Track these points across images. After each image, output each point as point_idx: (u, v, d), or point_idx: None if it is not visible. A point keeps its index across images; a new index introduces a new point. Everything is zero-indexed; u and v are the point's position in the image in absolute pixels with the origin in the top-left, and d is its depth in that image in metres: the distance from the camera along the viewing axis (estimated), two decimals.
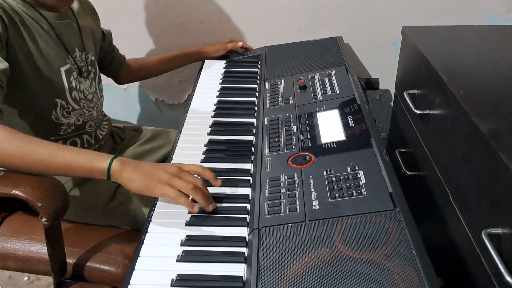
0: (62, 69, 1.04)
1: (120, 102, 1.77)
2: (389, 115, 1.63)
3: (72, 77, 1.06)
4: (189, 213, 0.84)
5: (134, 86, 1.74)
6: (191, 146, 1.05)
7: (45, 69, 1.01)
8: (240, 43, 1.53)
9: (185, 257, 0.75)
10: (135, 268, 0.73)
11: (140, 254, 0.76)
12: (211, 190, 0.87)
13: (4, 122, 0.85)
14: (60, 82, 1.04)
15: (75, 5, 1.13)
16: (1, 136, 0.81)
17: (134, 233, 1.05)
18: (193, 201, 0.84)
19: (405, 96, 1.25)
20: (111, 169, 0.82)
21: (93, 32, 1.19)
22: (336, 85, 1.19)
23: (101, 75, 1.25)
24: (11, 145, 0.81)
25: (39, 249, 1.00)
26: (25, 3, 0.98)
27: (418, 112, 1.19)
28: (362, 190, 0.80)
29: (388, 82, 1.62)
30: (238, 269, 0.72)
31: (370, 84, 1.49)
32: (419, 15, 1.52)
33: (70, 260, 0.97)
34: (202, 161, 0.99)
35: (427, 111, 1.16)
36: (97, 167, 0.83)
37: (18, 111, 1.01)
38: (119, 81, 1.40)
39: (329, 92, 1.17)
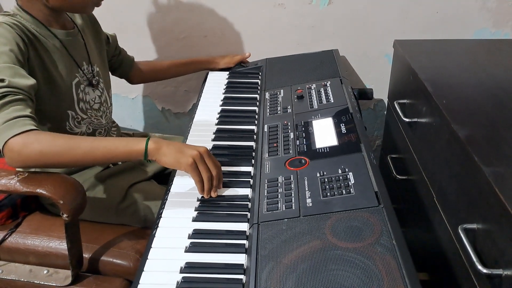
0: (73, 83, 1.13)
1: (128, 111, 1.86)
2: (383, 124, 1.72)
3: (79, 90, 1.15)
4: (195, 210, 0.93)
5: (141, 96, 1.84)
6: None
7: (58, 85, 1.10)
8: (247, 54, 1.63)
9: (192, 248, 0.84)
10: (148, 257, 0.82)
11: (152, 246, 0.85)
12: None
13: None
14: (71, 95, 1.13)
15: (78, 21, 1.21)
16: (45, 138, 0.91)
17: (144, 230, 1.14)
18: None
19: (395, 105, 1.35)
20: (148, 148, 0.93)
21: (97, 42, 1.27)
22: (331, 95, 1.28)
23: (113, 81, 1.34)
24: (56, 144, 0.91)
25: (57, 245, 1.09)
26: (37, 22, 1.07)
27: (407, 120, 1.28)
28: (351, 189, 0.89)
29: (381, 93, 1.71)
30: (239, 259, 0.81)
31: (365, 94, 1.58)
32: (411, 30, 1.61)
33: (86, 255, 1.06)
34: None
35: (415, 119, 1.25)
36: (135, 149, 0.93)
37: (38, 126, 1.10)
38: (130, 81, 1.48)
39: (324, 101, 1.26)
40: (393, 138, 1.51)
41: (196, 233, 0.87)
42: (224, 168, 1.06)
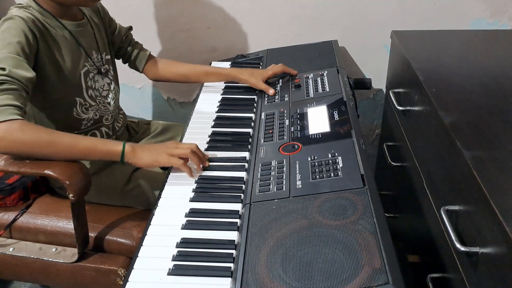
0: (82, 72, 1.19)
1: (136, 100, 1.92)
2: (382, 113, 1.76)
3: (88, 78, 1.21)
4: (192, 191, 0.99)
5: (148, 86, 1.89)
6: (197, 137, 1.19)
7: (68, 74, 1.16)
8: (271, 91, 1.36)
9: (188, 226, 0.90)
10: (147, 233, 0.88)
11: (151, 223, 0.91)
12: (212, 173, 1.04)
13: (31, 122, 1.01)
14: (79, 83, 1.19)
15: (88, 11, 1.27)
16: (30, 129, 0.97)
17: (147, 212, 1.20)
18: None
19: (390, 94, 1.39)
20: (125, 151, 1.00)
21: (107, 31, 1.33)
22: (327, 84, 1.33)
23: (121, 71, 1.40)
24: (39, 136, 0.98)
25: (65, 224, 1.16)
26: (47, 14, 1.12)
27: (401, 108, 1.32)
28: (339, 172, 0.94)
29: (381, 82, 1.75)
30: (231, 235, 0.87)
31: (363, 84, 1.62)
32: (409, 21, 1.65)
33: (92, 234, 1.13)
34: (206, 149, 1.14)
35: (409, 108, 1.29)
36: (113, 151, 1.01)
37: (46, 112, 1.17)
38: (147, 76, 1.46)
39: (320, 90, 1.31)
40: (390, 126, 1.55)
41: (192, 212, 0.93)
42: (222, 154, 1.12)
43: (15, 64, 0.99)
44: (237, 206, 0.95)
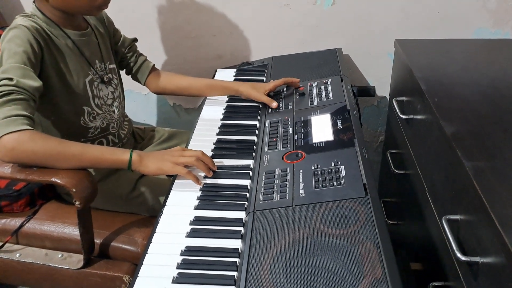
0: (86, 80, 1.21)
1: (142, 106, 1.94)
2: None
3: (93, 86, 1.23)
4: (197, 199, 1.01)
5: None
6: (202, 144, 1.21)
7: (72, 82, 1.18)
8: (274, 104, 1.35)
9: (192, 234, 0.91)
10: (152, 241, 0.90)
11: (156, 231, 0.92)
12: (217, 180, 1.06)
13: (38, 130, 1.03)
14: (85, 92, 1.21)
15: (93, 21, 1.28)
16: (39, 138, 0.99)
17: (152, 219, 1.22)
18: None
19: (394, 102, 1.40)
20: (132, 160, 1.02)
21: (111, 41, 1.35)
22: (330, 93, 1.34)
23: (127, 77, 1.43)
24: (49, 145, 1.00)
25: (71, 231, 1.18)
26: (51, 22, 1.14)
27: (404, 117, 1.33)
28: (342, 181, 0.96)
29: (385, 90, 1.76)
30: (235, 244, 0.88)
31: (367, 92, 1.64)
32: (412, 29, 1.66)
33: (97, 241, 1.15)
34: (211, 157, 1.15)
35: (411, 116, 1.30)
36: (120, 159, 1.02)
37: (52, 120, 1.19)
38: (149, 89, 1.46)
39: (324, 98, 1.32)
40: (393, 134, 1.56)
41: (197, 220, 0.94)
42: (226, 161, 1.14)
43: (22, 74, 1.01)
44: (241, 214, 0.96)
